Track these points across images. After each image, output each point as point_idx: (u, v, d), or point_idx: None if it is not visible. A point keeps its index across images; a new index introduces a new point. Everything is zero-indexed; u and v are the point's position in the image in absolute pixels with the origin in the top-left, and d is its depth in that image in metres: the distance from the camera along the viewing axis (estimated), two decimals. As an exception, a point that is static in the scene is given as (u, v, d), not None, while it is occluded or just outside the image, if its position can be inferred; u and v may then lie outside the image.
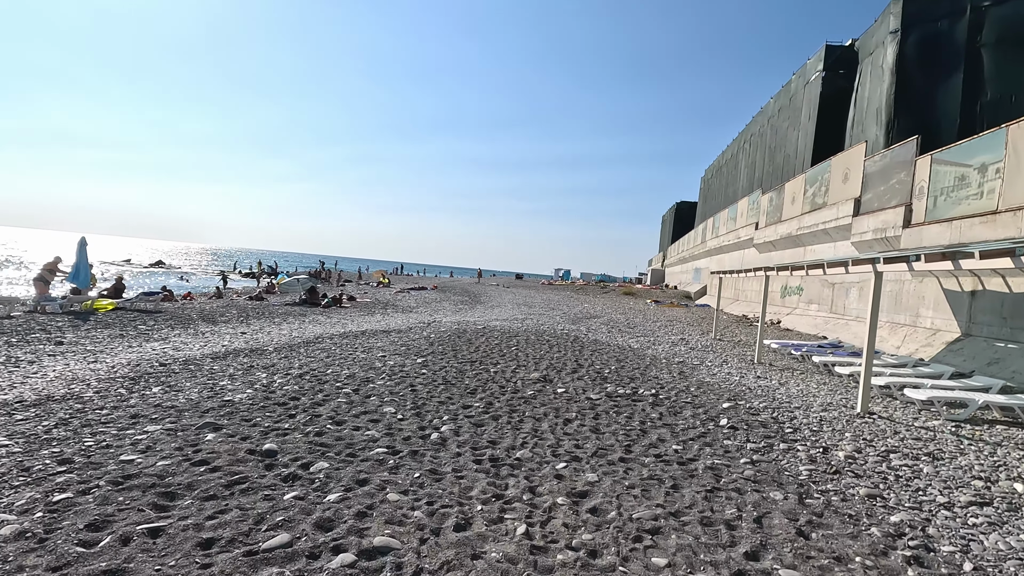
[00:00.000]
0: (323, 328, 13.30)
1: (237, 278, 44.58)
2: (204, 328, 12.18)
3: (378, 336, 11.98)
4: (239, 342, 10.40)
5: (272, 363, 8.23)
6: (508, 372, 8.50)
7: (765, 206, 27.79)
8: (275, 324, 13.63)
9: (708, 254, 38.31)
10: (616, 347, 12.48)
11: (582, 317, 20.61)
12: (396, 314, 18.31)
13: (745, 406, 7.30)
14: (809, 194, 22.62)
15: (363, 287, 35.96)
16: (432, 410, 6.01)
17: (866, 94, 26.52)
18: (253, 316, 14.93)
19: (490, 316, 18.89)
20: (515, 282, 53.97)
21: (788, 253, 24.70)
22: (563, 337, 13.55)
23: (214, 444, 4.47)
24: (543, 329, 15.14)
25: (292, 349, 9.70)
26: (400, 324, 14.91)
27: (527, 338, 12.75)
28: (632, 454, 5.01)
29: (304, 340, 10.91)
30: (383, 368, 8.13)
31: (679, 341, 14.75)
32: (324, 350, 9.69)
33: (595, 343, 12.90)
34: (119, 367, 7.54)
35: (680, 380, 8.95)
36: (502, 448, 4.92)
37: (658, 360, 11.01)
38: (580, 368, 9.33)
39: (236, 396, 6.09)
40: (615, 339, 14.12)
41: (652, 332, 16.64)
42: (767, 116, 37.51)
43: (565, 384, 7.89)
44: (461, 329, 13.79)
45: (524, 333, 13.74)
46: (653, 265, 66.66)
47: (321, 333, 12.18)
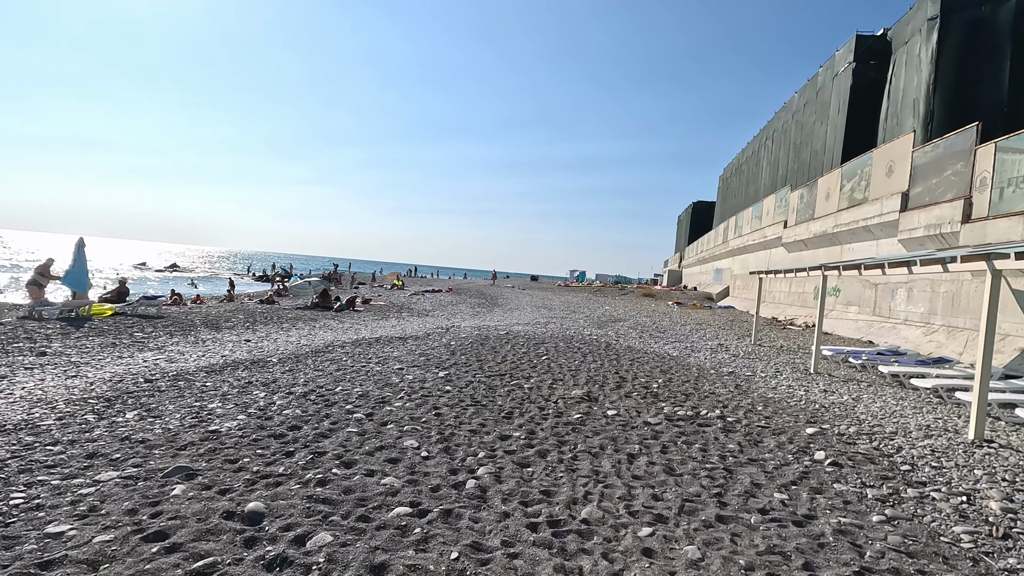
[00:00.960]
0: (334, 335, 12.18)
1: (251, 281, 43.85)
2: (206, 335, 11.12)
3: (393, 344, 10.83)
4: (241, 352, 9.30)
5: (274, 378, 7.09)
6: (544, 388, 7.28)
7: (795, 203, 26.29)
8: (283, 330, 12.53)
9: (730, 254, 36.78)
10: (655, 355, 11.21)
11: (607, 320, 19.33)
12: (412, 318, 17.18)
13: (832, 431, 6.02)
14: (846, 189, 21.16)
15: (377, 289, 34.95)
16: (463, 443, 4.81)
17: (901, 85, 24.97)
18: (261, 321, 13.86)
19: (510, 320, 17.68)
20: (531, 284, 52.66)
21: (822, 252, 23.22)
22: (594, 344, 12.31)
23: (181, 502, 3.30)
24: (570, 335, 13.90)
25: (298, 360, 8.56)
26: (416, 329, 13.77)
27: (556, 345, 11.52)
28: (729, 509, 3.77)
29: (313, 349, 9.78)
30: (401, 385, 6.94)
31: (718, 348, 13.44)
32: (334, 361, 8.54)
33: (630, 351, 11.64)
34: (98, 384, 6.45)
35: (740, 396, 7.67)
36: (560, 502, 3.70)
37: (705, 371, 9.73)
38: (624, 382, 8.09)
39: (224, 425, 4.94)
40: (650, 345, 12.84)
41: (685, 337, 15.34)
42: (791, 111, 35.95)
43: (613, 404, 6.66)
44: (482, 335, 12.60)
45: (551, 339, 12.52)
46: (670, 266, 65.00)
47: (332, 341, 11.06)
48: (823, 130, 30.59)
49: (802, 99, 34.17)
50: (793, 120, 35.44)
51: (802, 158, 33.24)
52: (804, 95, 33.87)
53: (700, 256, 47.63)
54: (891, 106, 25.72)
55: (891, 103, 25.74)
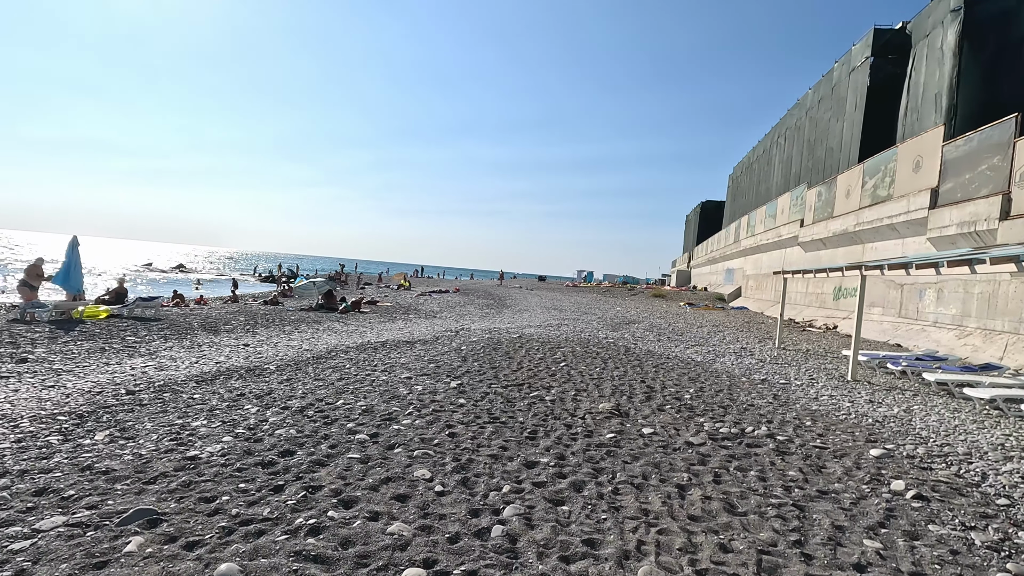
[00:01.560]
0: (338, 338, 11.48)
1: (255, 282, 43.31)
2: (203, 339, 10.44)
3: (401, 349, 10.11)
4: (237, 358, 8.60)
5: (269, 389, 6.38)
6: (568, 401, 6.53)
7: (812, 202, 25.42)
8: (285, 334, 11.84)
9: (742, 254, 35.90)
10: (679, 361, 10.45)
11: (621, 322, 18.55)
12: (419, 320, 16.47)
13: (900, 453, 5.24)
14: (869, 186, 20.28)
15: (383, 290, 34.31)
16: (483, 472, 4.07)
17: (921, 80, 24.07)
18: (262, 324, 13.18)
19: (521, 322, 16.95)
20: (538, 284, 51.88)
21: (842, 252, 22.35)
22: (612, 348, 11.55)
23: (132, 565, 2.59)
24: (585, 338, 13.14)
25: (298, 368, 7.85)
26: (425, 332, 13.05)
27: (573, 350, 10.77)
28: (817, 565, 3.02)
29: (315, 355, 9.08)
30: (409, 397, 6.21)
31: (741, 351, 12.66)
32: (336, 369, 7.82)
33: (652, 356, 10.88)
34: (75, 396, 5.76)
35: (783, 409, 6.90)
36: (609, 556, 2.96)
37: (736, 379, 8.96)
38: (653, 392, 7.33)
39: (206, 449, 4.22)
40: (670, 350, 12.07)
41: (705, 340, 14.55)
42: (805, 108, 35.05)
43: (647, 419, 5.90)
44: (495, 339, 11.87)
45: (567, 343, 11.76)
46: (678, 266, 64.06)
47: (335, 345, 10.35)
48: (839, 127, 29.69)
49: (816, 96, 33.28)
50: (807, 117, 34.54)
51: (817, 155, 32.35)
52: (818, 91, 32.97)
53: (710, 256, 46.74)
54: (911, 101, 24.81)
55: (911, 98, 24.84)
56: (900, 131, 25.34)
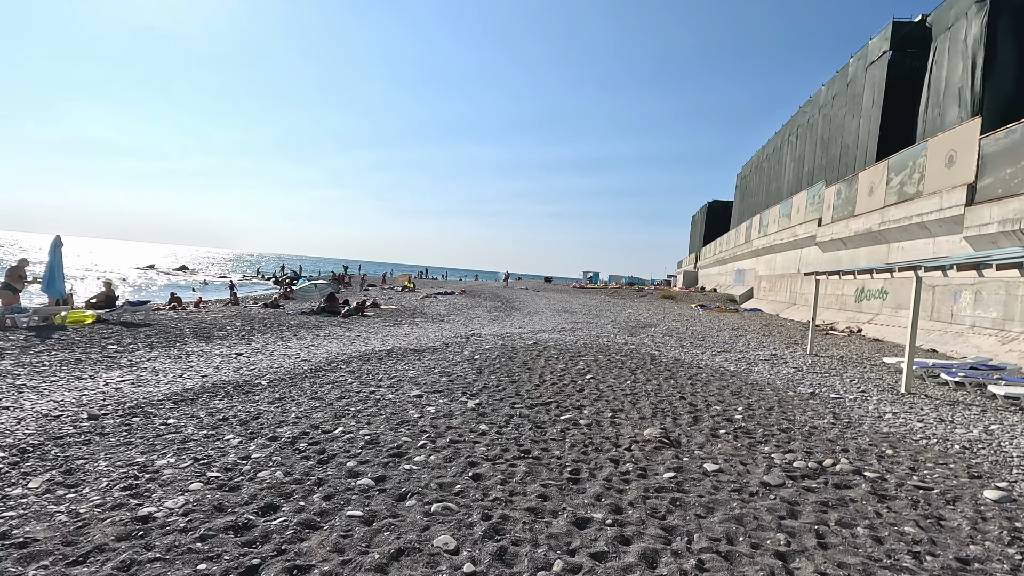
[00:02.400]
0: (340, 345, 10.52)
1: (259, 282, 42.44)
2: (192, 347, 9.49)
3: (408, 358, 9.14)
4: (227, 370, 7.65)
5: (257, 411, 5.42)
6: (605, 424, 5.55)
7: (831, 200, 24.37)
8: (282, 340, 10.89)
9: (754, 255, 34.83)
10: (712, 371, 9.45)
11: (637, 326, 17.56)
12: (426, 324, 15.51)
13: (1021, 494, 4.26)
14: (895, 183, 19.25)
15: (388, 291, 33.38)
16: (524, 538, 3.07)
17: (943, 73, 22.98)
18: (259, 329, 12.24)
19: (533, 326, 15.97)
20: (544, 285, 50.84)
21: (864, 252, 21.31)
22: (636, 356, 10.56)
23: None
24: (604, 344, 12.16)
25: (293, 383, 6.89)
26: (433, 338, 12.09)
27: (595, 359, 9.78)
28: None
29: (313, 366, 8.11)
30: (421, 422, 5.23)
31: (773, 359, 11.66)
32: (336, 385, 6.85)
33: (681, 365, 9.89)
34: (27, 422, 4.82)
35: (850, 432, 5.91)
36: None
37: (783, 392, 7.96)
38: (699, 412, 6.35)
39: (165, 504, 3.25)
40: (698, 357, 11.08)
41: (730, 345, 13.54)
42: (818, 105, 33.97)
43: (704, 450, 4.90)
44: (509, 346, 10.89)
45: (587, 351, 10.78)
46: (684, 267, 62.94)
47: (337, 354, 9.39)
48: (855, 123, 28.60)
49: (830, 92, 32.19)
50: (820, 114, 33.45)
51: (831, 153, 31.26)
52: (833, 88, 31.89)
53: (719, 257, 45.66)
54: (932, 96, 23.73)
55: (932, 92, 23.76)
56: (920, 127, 24.28)
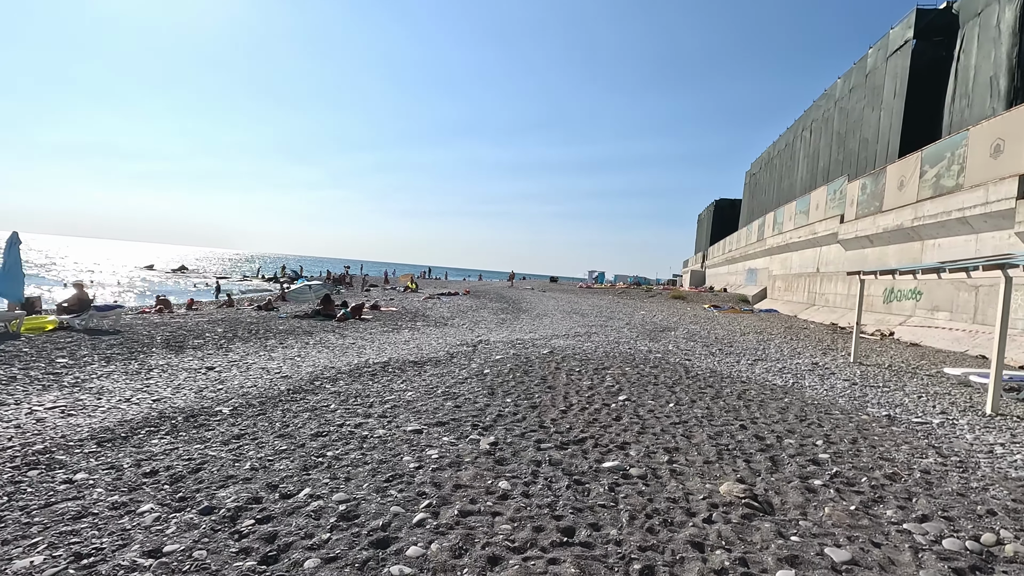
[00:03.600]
0: (330, 356, 9.12)
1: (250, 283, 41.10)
2: (158, 360, 8.11)
3: (407, 373, 7.74)
4: (188, 391, 6.26)
5: (201, 460, 4.03)
6: (663, 473, 4.13)
7: (855, 196, 22.88)
8: (266, 350, 9.50)
9: (767, 253, 33.35)
10: (759, 386, 8.02)
11: (655, 330, 16.14)
12: (428, 329, 14.11)
13: None
14: (929, 176, 17.78)
15: (389, 292, 32.02)
16: None
17: (972, 62, 21.47)
18: (242, 337, 10.85)
19: (544, 330, 14.57)
20: (550, 286, 49.33)
21: (894, 250, 19.82)
22: (668, 368, 9.14)
23: None
24: (627, 351, 10.75)
25: (262, 411, 5.48)
26: (436, 346, 10.69)
27: (623, 372, 8.36)
28: None
29: (292, 386, 6.70)
30: (419, 478, 3.78)
31: (814, 368, 10.25)
32: (316, 413, 5.44)
33: (721, 378, 8.46)
34: None
35: (974, 479, 4.48)
36: None
37: (854, 415, 6.54)
38: (772, 449, 4.93)
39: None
40: (735, 368, 9.66)
41: (762, 352, 12.11)
42: (833, 99, 32.46)
43: (808, 516, 3.51)
44: (522, 357, 9.49)
45: (611, 361, 9.37)
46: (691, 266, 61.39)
47: (324, 367, 7.99)
48: (875, 116, 27.08)
49: (847, 85, 30.68)
50: (836, 108, 31.94)
51: (848, 148, 29.75)
52: (850, 80, 30.38)
53: (728, 256, 44.15)
54: (959, 86, 22.24)
55: (960, 82, 22.26)
56: (947, 119, 22.83)
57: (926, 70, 24.46)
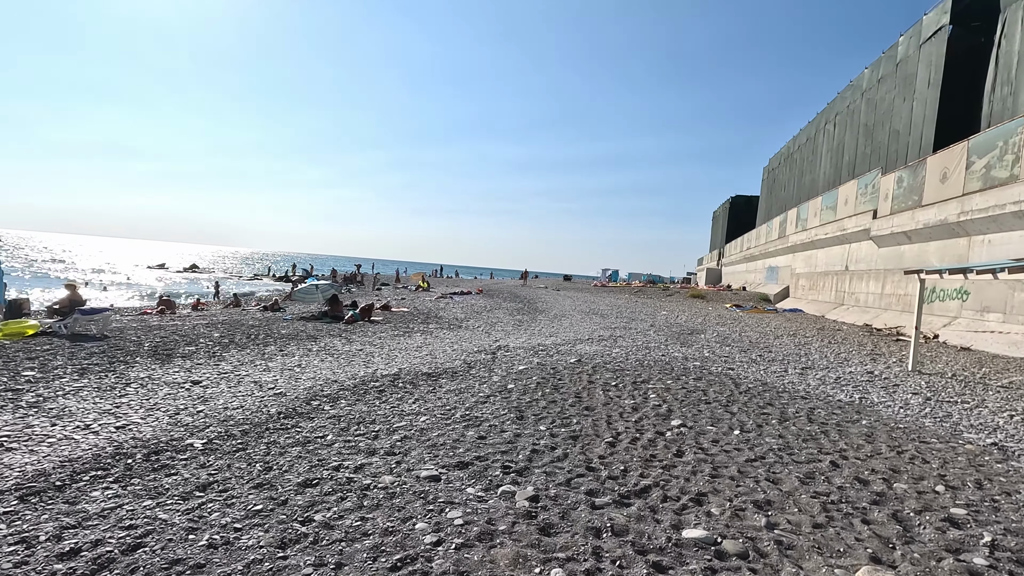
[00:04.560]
0: (333, 366, 8.08)
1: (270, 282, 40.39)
2: (140, 371, 7.11)
3: (419, 389, 6.67)
4: (159, 415, 5.24)
5: (147, 526, 2.98)
6: (766, 548, 3.02)
7: (890, 189, 21.46)
8: (263, 358, 8.48)
9: (790, 251, 31.91)
10: (824, 404, 6.85)
11: (682, 332, 14.97)
12: (442, 332, 13.06)
13: None
14: (978, 167, 16.38)
15: (401, 291, 31.07)
16: None
17: (1015, 47, 19.95)
18: (239, 343, 9.85)
19: (565, 333, 13.45)
20: (564, 284, 48.05)
21: (935, 246, 18.42)
22: (715, 381, 7.98)
23: None
24: (662, 359, 9.61)
25: (243, 445, 4.43)
26: (451, 353, 9.63)
27: (667, 387, 7.23)
28: None
29: (284, 408, 5.65)
30: (438, 561, 2.68)
31: (873, 379, 9.04)
32: (308, 450, 4.36)
33: (778, 394, 7.29)
34: None
35: None
36: None
37: (958, 445, 5.36)
38: (891, 505, 3.80)
39: None
40: (782, 377, 8.48)
41: (805, 358, 10.89)
42: (859, 90, 30.88)
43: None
44: (548, 366, 8.39)
45: (648, 372, 8.24)
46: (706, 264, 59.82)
47: (324, 382, 6.94)
48: (907, 107, 25.52)
49: (875, 75, 29.09)
50: (863, 99, 30.36)
51: (877, 140, 28.20)
52: (878, 70, 28.80)
53: (747, 253, 42.66)
54: (1001, 73, 20.69)
55: (1001, 70, 20.72)
56: (987, 108, 21.32)
57: (963, 57, 22.92)
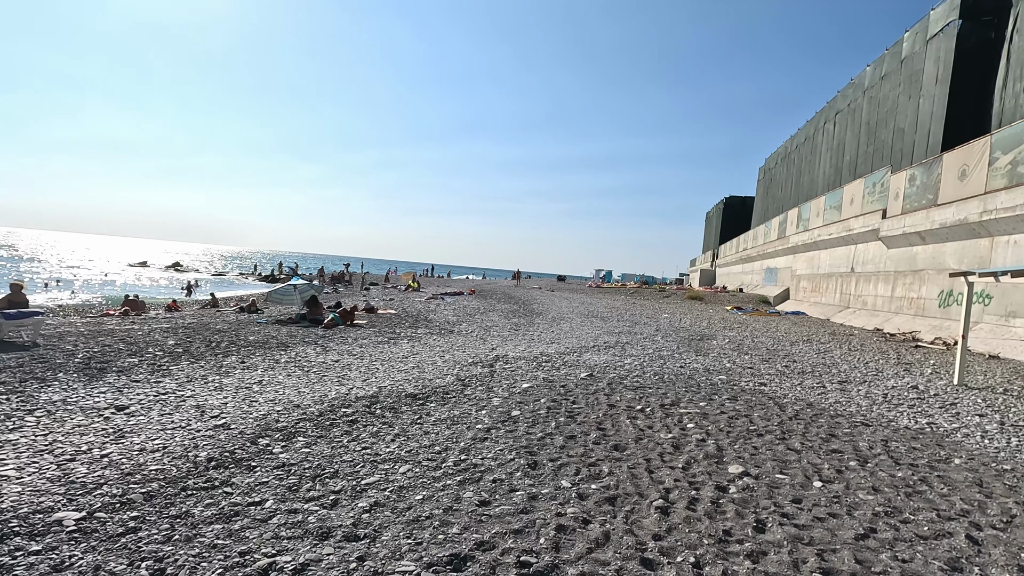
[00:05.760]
0: (299, 384, 6.66)
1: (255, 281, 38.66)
2: (54, 394, 5.66)
3: (401, 419, 5.28)
4: (43, 465, 3.83)
5: None
6: None
7: (901, 188, 20.36)
8: (219, 373, 7.05)
9: (791, 251, 30.84)
10: (897, 434, 5.59)
11: (692, 338, 13.70)
12: (432, 338, 11.66)
13: None
14: (1002, 164, 15.27)
15: (390, 291, 29.58)
16: None
17: (1030, 42, 19.00)
18: (196, 352, 8.39)
19: (568, 340, 12.12)
20: (559, 284, 46.65)
21: (953, 247, 17.32)
22: (751, 401, 6.69)
23: None
24: (682, 372, 8.31)
25: (131, 530, 3.04)
26: (441, 366, 8.25)
27: (703, 412, 5.92)
28: None
29: (218, 451, 4.23)
30: None
31: (921, 396, 7.81)
32: (228, 528, 2.97)
33: (828, 416, 6.01)
34: None
35: None
36: None
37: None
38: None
39: None
40: (825, 395, 7.20)
41: (836, 369, 9.65)
42: (861, 88, 29.88)
43: None
44: (556, 383, 7.04)
45: (673, 389, 6.93)
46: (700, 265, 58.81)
47: (284, 407, 5.53)
48: (912, 104, 24.49)
49: (879, 72, 28.09)
50: (865, 98, 29.35)
51: (880, 139, 27.19)
52: (881, 67, 27.81)
53: (743, 254, 41.62)
54: (1013, 68, 19.70)
55: (1012, 65, 19.73)
56: (997, 105, 20.33)
57: (973, 53, 21.90)
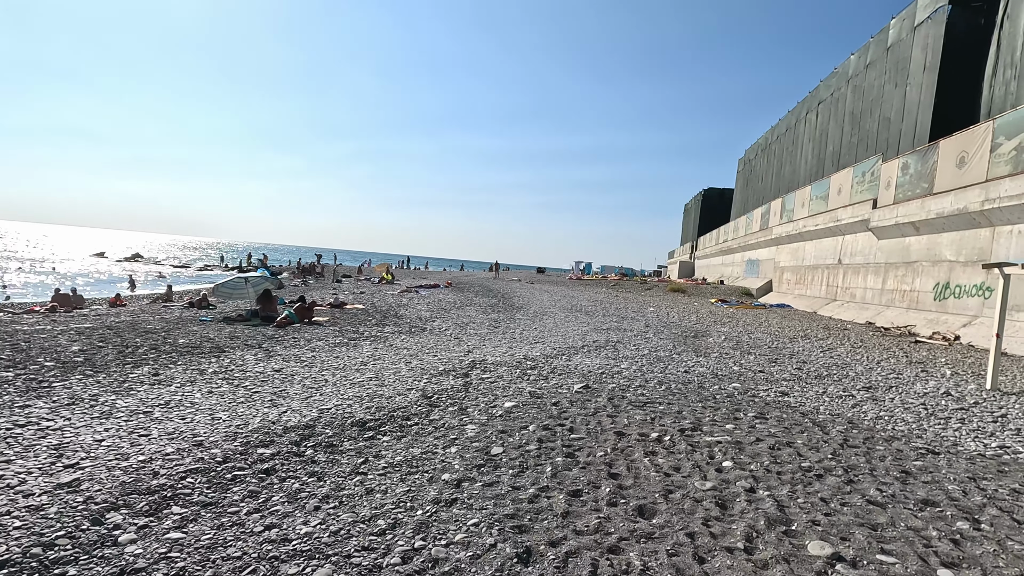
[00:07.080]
0: (219, 407, 5.15)
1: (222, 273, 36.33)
2: None
3: (339, 463, 3.83)
4: None
5: None
6: None
7: (893, 177, 19.50)
8: (116, 392, 5.48)
9: (774, 243, 30.06)
10: (975, 464, 4.40)
11: (686, 335, 12.50)
12: (399, 338, 10.18)
13: None
14: (1006, 150, 14.39)
15: (363, 284, 27.84)
16: None
17: (1021, 28, 18.21)
18: (98, 362, 6.74)
19: (554, 340, 10.78)
20: (538, 277, 45.30)
21: (949, 237, 16.48)
22: (779, 417, 5.44)
23: None
24: (686, 378, 7.04)
25: None
26: (406, 376, 6.81)
27: (734, 440, 4.63)
28: None
29: (44, 536, 2.80)
30: None
31: (965, 405, 6.69)
32: None
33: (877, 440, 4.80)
34: None
35: None
36: None
37: None
38: None
39: None
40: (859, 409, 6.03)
41: (854, 373, 8.52)
42: (845, 77, 29.13)
43: None
44: (548, 399, 5.68)
45: (688, 405, 5.64)
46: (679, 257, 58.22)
47: (180, 447, 4.04)
48: (899, 93, 23.71)
49: (863, 60, 27.31)
50: (849, 87, 28.60)
51: (865, 128, 26.46)
52: (866, 56, 27.02)
53: (723, 246, 40.92)
54: (1004, 55, 18.95)
55: (1003, 52, 18.98)
56: (987, 93, 19.61)
57: (962, 39, 21.11)
